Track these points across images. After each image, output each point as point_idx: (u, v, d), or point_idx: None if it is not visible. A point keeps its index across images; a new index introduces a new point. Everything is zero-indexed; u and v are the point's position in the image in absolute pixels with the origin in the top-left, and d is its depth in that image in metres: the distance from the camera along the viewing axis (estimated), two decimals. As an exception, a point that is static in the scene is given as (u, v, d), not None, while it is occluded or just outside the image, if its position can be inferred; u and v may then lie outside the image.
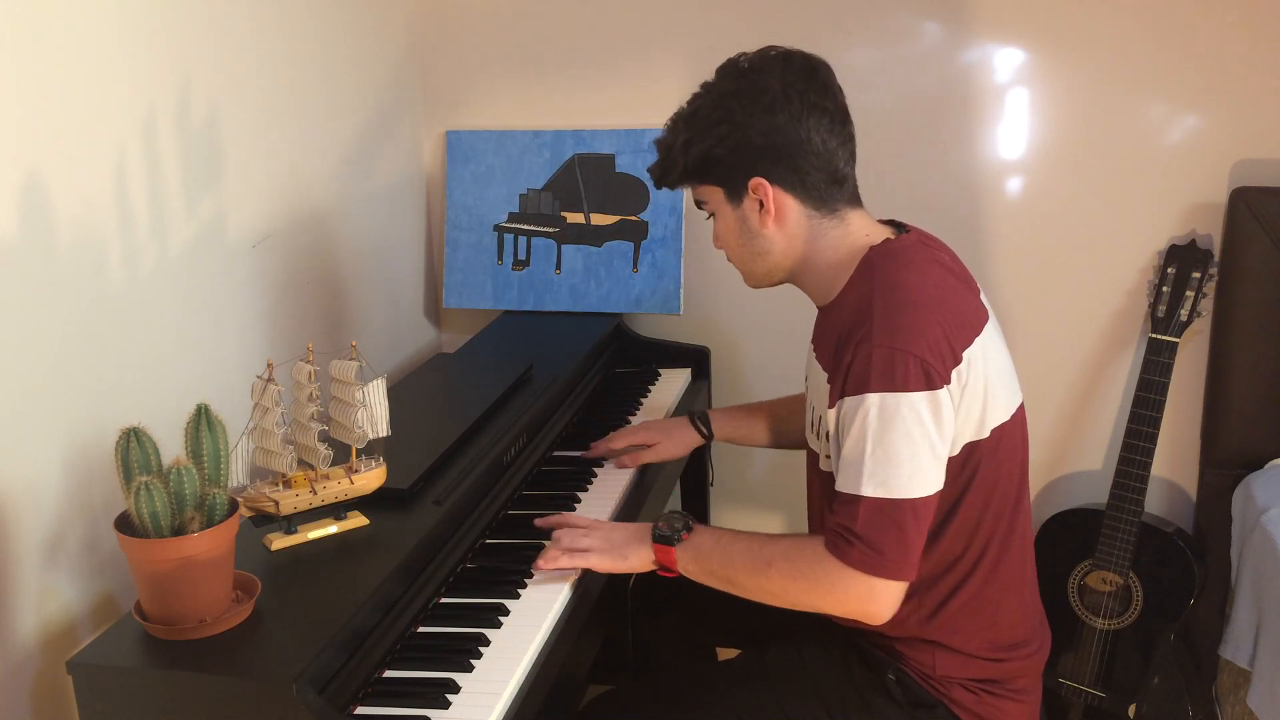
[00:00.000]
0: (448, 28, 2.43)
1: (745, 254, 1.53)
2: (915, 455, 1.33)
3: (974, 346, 1.39)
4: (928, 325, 1.36)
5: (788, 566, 1.41)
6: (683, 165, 1.50)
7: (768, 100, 1.43)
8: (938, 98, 2.27)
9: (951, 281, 1.46)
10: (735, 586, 1.46)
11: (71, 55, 1.41)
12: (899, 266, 1.43)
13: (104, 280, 1.48)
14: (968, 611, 1.47)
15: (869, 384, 1.34)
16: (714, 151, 1.46)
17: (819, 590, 1.39)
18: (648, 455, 1.88)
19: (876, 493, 1.34)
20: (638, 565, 1.52)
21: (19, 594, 1.36)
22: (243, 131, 1.77)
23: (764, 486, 2.57)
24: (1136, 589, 2.17)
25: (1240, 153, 2.17)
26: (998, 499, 1.45)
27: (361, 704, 1.26)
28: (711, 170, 1.48)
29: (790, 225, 1.48)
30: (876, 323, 1.36)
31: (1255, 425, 2.18)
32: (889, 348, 1.34)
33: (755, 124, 1.43)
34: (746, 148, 1.44)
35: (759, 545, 1.45)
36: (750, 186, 1.46)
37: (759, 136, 1.43)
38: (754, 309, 2.44)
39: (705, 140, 1.46)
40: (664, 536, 1.50)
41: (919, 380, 1.33)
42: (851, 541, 1.35)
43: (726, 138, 1.45)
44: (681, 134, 1.49)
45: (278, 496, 1.42)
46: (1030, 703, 1.55)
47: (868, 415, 1.34)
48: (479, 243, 2.45)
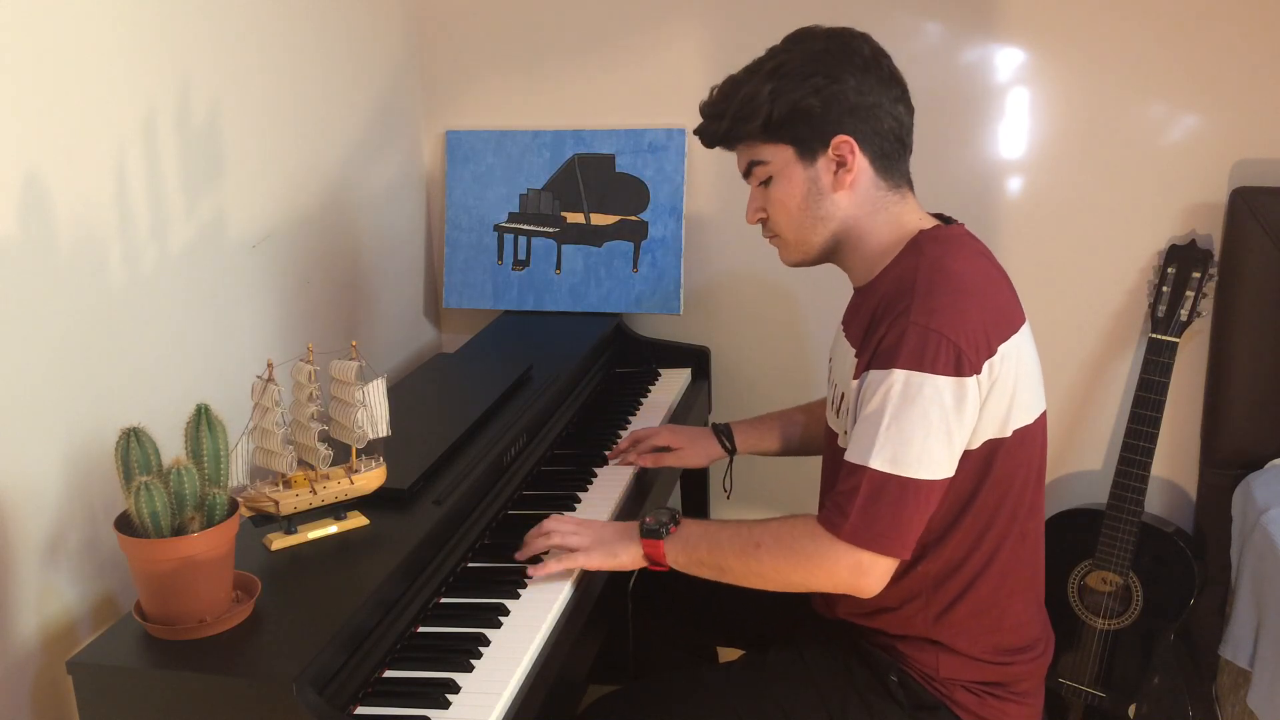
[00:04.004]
0: (448, 28, 2.43)
1: (805, 219, 1.49)
2: (928, 437, 1.33)
3: (1010, 343, 1.39)
4: (967, 311, 1.36)
5: (777, 546, 1.41)
6: (766, 115, 1.44)
7: (860, 61, 1.43)
8: (938, 98, 2.27)
9: (996, 275, 1.47)
10: (726, 573, 1.46)
11: (71, 55, 1.41)
12: (947, 252, 1.44)
13: (104, 280, 1.48)
14: (975, 614, 1.46)
15: (897, 359, 1.34)
16: (806, 101, 1.42)
17: (809, 565, 1.39)
18: (670, 459, 1.87)
19: (883, 467, 1.34)
20: (628, 563, 1.51)
21: (19, 594, 1.36)
22: (243, 131, 1.77)
23: (767, 488, 2.57)
24: (1136, 589, 2.17)
25: (1240, 153, 2.17)
26: (1012, 500, 1.44)
27: (361, 704, 1.26)
28: (797, 123, 1.44)
29: (859, 191, 1.47)
30: (916, 301, 1.36)
31: (1255, 425, 2.18)
32: (924, 327, 1.34)
33: (850, 80, 1.42)
34: (839, 101, 1.42)
35: (747, 528, 1.45)
36: (834, 144, 1.44)
37: (853, 93, 1.42)
38: (754, 309, 2.44)
39: (798, 90, 1.42)
40: (651, 531, 1.49)
41: (948, 365, 1.33)
42: (847, 513, 1.35)
43: (822, 89, 1.42)
44: (767, 83, 1.44)
45: (278, 496, 1.42)
46: (1033, 705, 1.54)
47: (890, 390, 1.34)
48: (479, 243, 2.45)
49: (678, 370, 2.35)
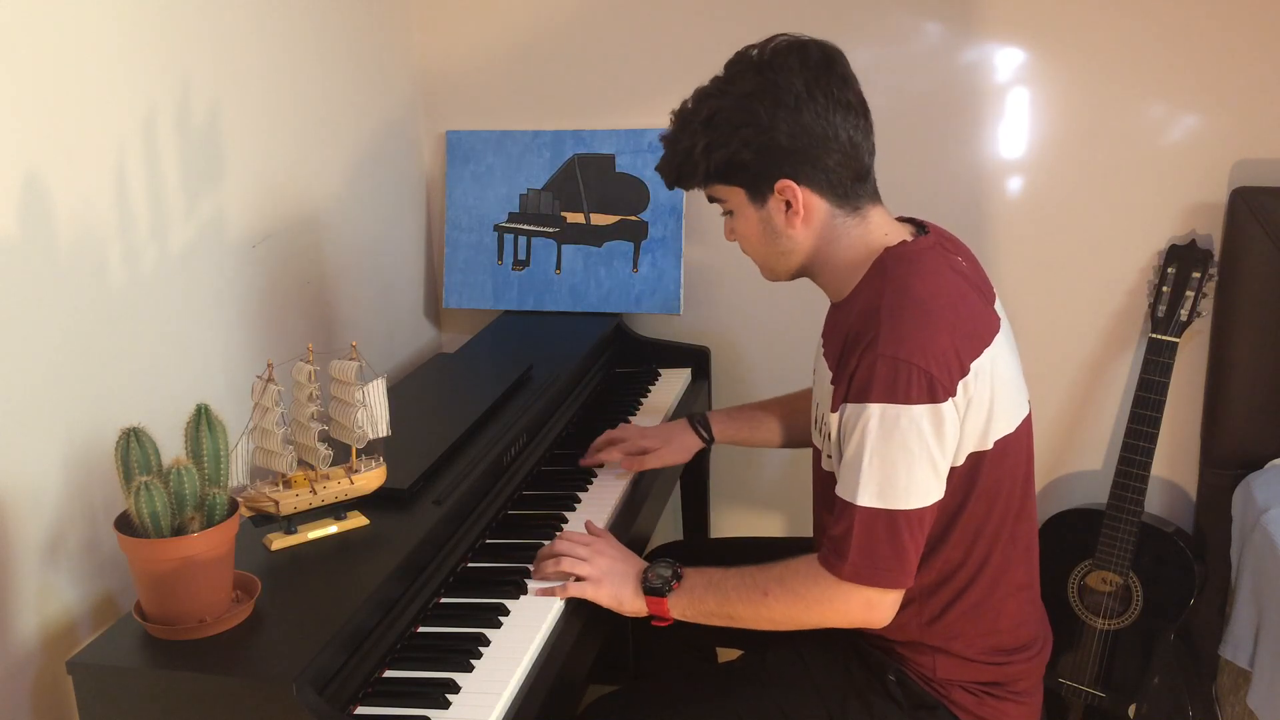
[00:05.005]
0: (448, 28, 2.43)
1: (769, 252, 1.50)
2: (913, 468, 1.33)
3: (982, 358, 1.37)
4: (935, 335, 1.34)
5: (784, 591, 1.42)
6: (705, 169, 1.45)
7: (792, 99, 1.38)
8: (938, 98, 2.27)
9: (964, 289, 1.43)
10: (737, 621, 1.46)
11: (71, 55, 1.41)
12: (910, 271, 1.41)
13: (104, 280, 1.48)
14: (969, 618, 1.46)
15: (871, 393, 1.33)
16: (739, 155, 1.41)
17: (819, 608, 1.40)
18: (649, 460, 1.85)
19: (872, 503, 1.34)
20: (632, 612, 1.51)
21: (19, 594, 1.36)
22: (243, 131, 1.77)
23: (765, 488, 2.57)
24: (1136, 589, 2.17)
25: (1240, 153, 2.17)
26: (1000, 508, 1.44)
27: (361, 704, 1.26)
28: (736, 174, 1.44)
29: (815, 224, 1.45)
30: (883, 330, 1.34)
31: (1255, 425, 2.18)
32: (893, 358, 1.32)
33: (781, 125, 1.38)
34: (773, 150, 1.40)
35: (751, 576, 1.45)
36: (777, 189, 1.42)
37: (785, 138, 1.39)
38: (754, 309, 2.44)
39: (730, 144, 1.41)
40: (654, 589, 1.48)
41: (922, 393, 1.32)
42: (845, 554, 1.35)
43: (752, 140, 1.40)
44: (701, 137, 1.43)
45: (278, 496, 1.42)
46: (1032, 704, 1.54)
47: (868, 425, 1.33)
48: (479, 243, 2.45)
49: (678, 370, 2.35)
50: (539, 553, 1.55)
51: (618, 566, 1.52)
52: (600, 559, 1.52)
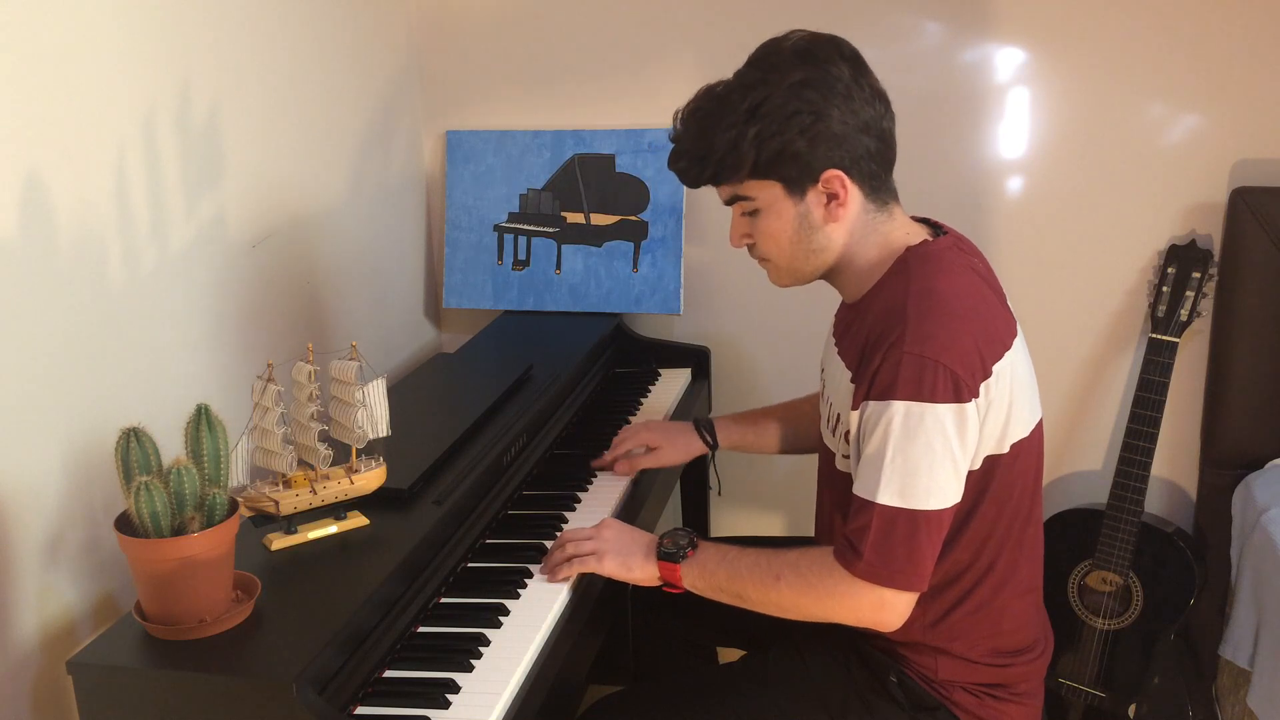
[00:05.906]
0: (448, 28, 2.43)
1: (798, 251, 1.46)
2: (934, 467, 1.32)
3: (1004, 360, 1.37)
4: (960, 335, 1.33)
5: (796, 579, 1.41)
6: (753, 161, 1.40)
7: (843, 87, 1.37)
8: (938, 97, 2.27)
9: (985, 291, 1.43)
10: (744, 601, 1.46)
11: (71, 55, 1.41)
12: (935, 271, 1.40)
13: (104, 280, 1.48)
14: (973, 620, 1.46)
15: (895, 391, 1.32)
16: (793, 144, 1.37)
17: (829, 601, 1.39)
18: (647, 460, 1.85)
19: (892, 501, 1.33)
20: (642, 579, 1.51)
21: (19, 594, 1.36)
22: (243, 131, 1.77)
23: (767, 491, 2.57)
24: (1136, 589, 2.17)
25: (1240, 153, 2.17)
26: (1010, 511, 1.44)
27: (361, 704, 1.26)
28: (785, 164, 1.39)
29: (850, 219, 1.44)
30: (909, 329, 1.33)
31: (1255, 425, 2.18)
32: (919, 356, 1.31)
33: (834, 113, 1.37)
34: (826, 137, 1.37)
35: (766, 559, 1.44)
36: (824, 179, 1.40)
37: (838, 124, 1.38)
38: (754, 309, 2.44)
39: (785, 132, 1.37)
40: (669, 554, 1.48)
41: (947, 392, 1.31)
42: (860, 552, 1.34)
43: (808, 128, 1.37)
44: (749, 127, 1.38)
45: (278, 496, 1.42)
46: (1033, 705, 1.54)
47: (891, 422, 1.32)
48: (479, 243, 2.45)
49: (678, 370, 2.35)
50: (548, 553, 1.56)
51: (624, 537, 1.53)
52: (605, 532, 1.54)
